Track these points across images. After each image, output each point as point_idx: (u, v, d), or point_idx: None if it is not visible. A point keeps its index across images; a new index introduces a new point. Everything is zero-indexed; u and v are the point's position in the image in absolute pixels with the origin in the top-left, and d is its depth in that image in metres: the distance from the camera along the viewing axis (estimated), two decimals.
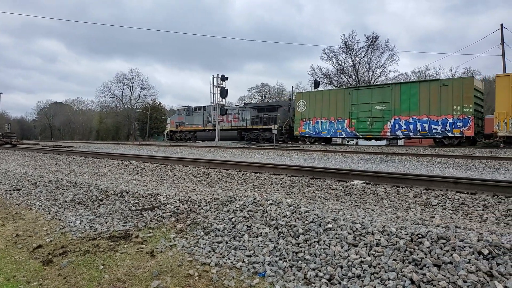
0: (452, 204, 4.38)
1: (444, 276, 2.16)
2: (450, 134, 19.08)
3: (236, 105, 37.14)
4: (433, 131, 19.75)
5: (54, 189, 5.91)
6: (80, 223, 4.01)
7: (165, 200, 4.53)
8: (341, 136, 24.45)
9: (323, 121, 24.38)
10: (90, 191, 5.48)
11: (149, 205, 4.45)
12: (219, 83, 31.77)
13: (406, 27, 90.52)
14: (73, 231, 3.75)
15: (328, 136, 24.43)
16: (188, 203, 4.35)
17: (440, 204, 4.43)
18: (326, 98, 24.43)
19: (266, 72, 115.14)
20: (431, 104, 19.77)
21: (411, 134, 20.58)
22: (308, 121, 25.10)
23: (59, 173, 7.98)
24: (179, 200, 4.48)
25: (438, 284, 2.10)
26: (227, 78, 32.14)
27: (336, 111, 23.65)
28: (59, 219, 4.28)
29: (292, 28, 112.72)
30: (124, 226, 3.84)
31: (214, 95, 31.75)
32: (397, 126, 21.00)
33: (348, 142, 32.30)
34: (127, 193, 5.07)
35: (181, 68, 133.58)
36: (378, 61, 45.90)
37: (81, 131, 69.45)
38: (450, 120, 19.07)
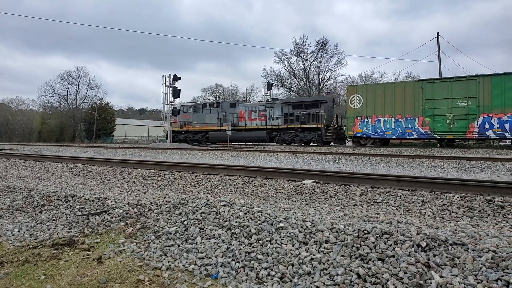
0: (395, 201, 4.65)
1: (387, 269, 2.29)
2: None
3: (260, 101, 31.90)
4: None
5: None
6: (19, 231, 3.73)
7: (113, 204, 4.35)
8: (411, 137, 20.48)
9: (386, 119, 20.59)
10: (31, 196, 5.13)
11: (96, 210, 4.26)
12: (171, 83, 31.15)
13: (354, 29, 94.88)
14: (11, 240, 3.49)
15: (394, 136, 20.85)
16: (138, 206, 4.22)
17: (384, 201, 4.69)
18: (390, 92, 20.69)
19: (219, 72, 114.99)
20: None
21: (507, 134, 17.74)
22: (365, 119, 21.26)
23: None
24: (128, 204, 4.33)
25: (382, 277, 2.22)
26: (179, 78, 31.58)
27: (403, 107, 20.10)
28: None
29: (244, 27, 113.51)
30: (69, 232, 3.64)
31: (166, 95, 31.09)
32: (487, 125, 17.92)
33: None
34: (72, 197, 4.81)
35: (128, 65, 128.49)
36: (328, 64, 47.45)
37: (21, 132, 64.49)
38: None
